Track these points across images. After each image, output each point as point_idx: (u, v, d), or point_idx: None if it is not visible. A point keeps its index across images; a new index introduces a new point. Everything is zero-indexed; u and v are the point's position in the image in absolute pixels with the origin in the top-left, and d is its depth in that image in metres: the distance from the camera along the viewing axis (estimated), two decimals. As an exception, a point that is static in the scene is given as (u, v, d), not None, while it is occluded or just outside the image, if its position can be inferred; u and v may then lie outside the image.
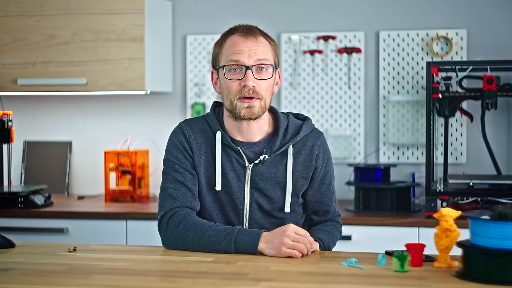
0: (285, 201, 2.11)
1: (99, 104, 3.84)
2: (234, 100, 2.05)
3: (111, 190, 3.57)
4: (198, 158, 2.11)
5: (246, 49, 2.04)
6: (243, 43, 2.05)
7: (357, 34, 3.59)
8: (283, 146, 2.10)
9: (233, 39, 2.07)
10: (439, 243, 1.78)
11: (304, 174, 2.13)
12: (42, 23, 3.50)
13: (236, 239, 1.95)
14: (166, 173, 2.13)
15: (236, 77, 2.05)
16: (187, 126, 2.15)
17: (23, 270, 1.81)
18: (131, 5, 3.42)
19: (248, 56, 2.04)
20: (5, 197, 3.28)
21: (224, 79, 2.06)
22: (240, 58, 2.04)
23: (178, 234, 2.01)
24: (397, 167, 3.56)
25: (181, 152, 2.11)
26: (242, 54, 2.04)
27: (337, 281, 1.68)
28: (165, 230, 2.04)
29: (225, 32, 2.12)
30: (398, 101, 3.55)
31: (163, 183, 2.13)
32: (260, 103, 2.05)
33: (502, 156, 3.45)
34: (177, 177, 2.09)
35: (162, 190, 2.12)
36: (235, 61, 2.04)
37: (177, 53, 3.77)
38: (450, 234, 1.76)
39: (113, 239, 3.15)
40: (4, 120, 3.31)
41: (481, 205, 2.99)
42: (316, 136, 2.15)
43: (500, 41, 3.48)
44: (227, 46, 2.08)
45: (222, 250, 1.96)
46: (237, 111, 2.05)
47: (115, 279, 1.71)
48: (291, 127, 2.13)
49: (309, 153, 2.12)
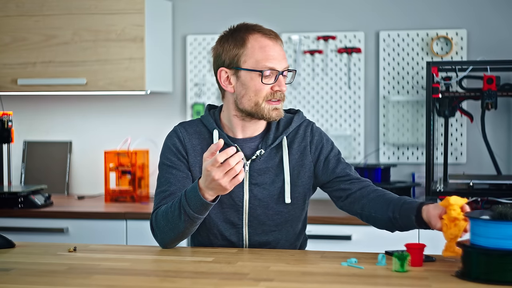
0: (285, 191, 2.12)
1: (99, 104, 3.84)
2: (262, 102, 2.08)
3: (111, 190, 3.57)
4: (193, 159, 2.14)
5: (277, 54, 2.08)
6: (273, 47, 2.08)
7: (357, 34, 3.59)
8: (277, 138, 2.14)
9: (260, 42, 2.08)
10: (447, 232, 1.77)
11: (300, 161, 2.14)
12: (42, 23, 3.50)
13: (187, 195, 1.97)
14: (161, 176, 2.16)
15: (268, 81, 2.07)
16: (182, 129, 2.18)
17: (23, 270, 1.81)
18: (131, 5, 3.42)
19: (279, 61, 2.08)
20: (5, 197, 3.28)
21: (255, 81, 2.07)
22: (276, 66, 2.07)
23: (158, 227, 2.06)
24: (397, 167, 3.56)
25: (175, 154, 2.14)
26: (276, 60, 2.07)
27: (337, 281, 1.68)
28: (152, 230, 2.10)
29: (240, 29, 2.11)
30: (398, 101, 3.55)
31: (157, 186, 2.17)
32: (281, 104, 2.12)
33: (502, 156, 3.46)
34: (170, 179, 2.13)
35: (156, 194, 2.16)
36: (271, 68, 2.06)
37: (177, 53, 3.77)
38: (458, 222, 1.76)
39: (113, 239, 3.15)
40: (4, 120, 3.31)
41: (481, 205, 2.99)
42: (307, 124, 2.19)
43: (500, 41, 3.48)
44: (254, 48, 2.07)
45: (186, 217, 1.98)
46: (265, 113, 2.08)
47: (115, 279, 1.71)
48: (282, 120, 2.17)
49: (302, 140, 2.15)
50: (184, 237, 2.06)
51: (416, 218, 1.94)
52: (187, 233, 2.04)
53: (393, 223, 2.03)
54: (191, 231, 2.04)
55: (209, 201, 1.95)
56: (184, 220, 1.99)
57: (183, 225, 2.00)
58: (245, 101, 2.09)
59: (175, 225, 2.01)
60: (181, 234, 2.03)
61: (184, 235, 2.05)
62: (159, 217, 2.06)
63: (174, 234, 2.03)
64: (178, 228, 2.01)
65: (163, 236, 2.06)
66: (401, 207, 1.99)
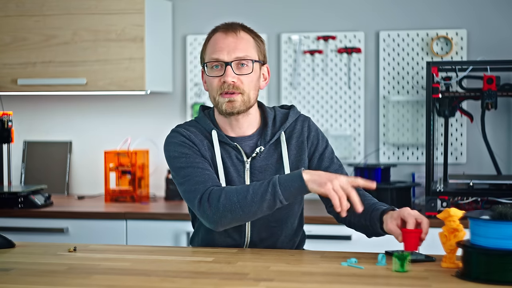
0: None
1: (99, 104, 3.84)
2: (217, 96, 2.09)
3: (111, 190, 3.57)
4: (204, 153, 2.10)
5: (225, 46, 2.08)
6: (223, 40, 2.09)
7: (357, 34, 3.59)
8: (275, 134, 2.14)
9: (215, 37, 2.12)
10: (447, 243, 1.77)
11: (298, 156, 2.15)
12: (42, 23, 3.50)
13: (279, 180, 1.93)
14: (182, 167, 2.07)
15: (217, 74, 2.08)
16: (183, 129, 2.15)
17: (23, 270, 1.81)
18: (131, 5, 3.42)
19: (228, 52, 2.08)
20: (5, 197, 3.28)
21: (207, 76, 2.11)
22: (220, 56, 2.08)
23: (223, 205, 1.96)
24: (397, 167, 3.56)
25: (187, 147, 2.09)
26: (221, 51, 2.08)
27: (337, 281, 1.68)
28: (209, 208, 1.98)
29: (210, 31, 2.16)
30: (398, 101, 3.55)
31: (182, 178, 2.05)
32: (242, 97, 2.08)
33: (502, 156, 3.45)
34: (197, 165, 2.05)
35: (187, 181, 2.04)
36: (215, 58, 2.08)
37: (177, 53, 3.77)
38: (458, 234, 1.76)
39: (113, 239, 3.15)
40: (4, 120, 3.31)
41: (481, 205, 2.99)
42: (303, 119, 2.19)
43: (500, 41, 3.48)
44: (209, 44, 2.12)
45: (271, 199, 1.93)
46: (219, 106, 2.09)
47: (115, 279, 1.71)
48: (278, 116, 2.18)
49: (300, 135, 2.16)
50: (248, 220, 1.99)
51: (381, 228, 1.97)
52: (254, 217, 1.97)
53: (367, 230, 2.06)
54: (259, 215, 1.98)
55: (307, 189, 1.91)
56: (266, 200, 1.92)
57: (261, 206, 1.93)
58: (210, 97, 2.13)
59: (251, 203, 1.93)
60: (250, 215, 1.96)
61: (250, 218, 1.98)
62: (229, 193, 1.96)
63: (243, 214, 1.95)
64: (252, 207, 1.94)
65: (226, 215, 1.96)
66: (371, 215, 2.02)
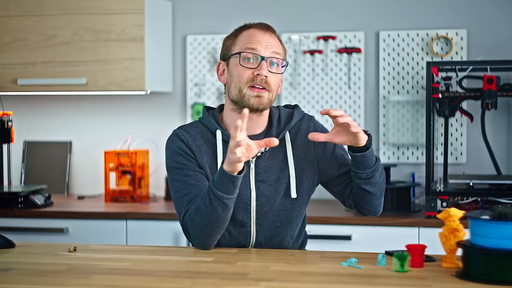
0: (291, 186, 2.12)
1: (99, 104, 3.84)
2: (244, 88, 2.06)
3: (111, 190, 3.57)
4: (201, 159, 2.11)
5: (263, 40, 2.08)
6: (261, 35, 2.09)
7: (357, 34, 3.59)
8: (280, 134, 2.14)
9: (251, 32, 2.11)
10: (447, 243, 1.77)
11: (304, 156, 2.15)
12: (42, 23, 3.50)
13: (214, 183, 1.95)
14: (176, 179, 2.10)
15: (250, 66, 2.07)
16: (183, 131, 2.14)
17: (23, 270, 1.81)
18: (131, 5, 3.42)
19: (265, 47, 2.08)
20: (5, 197, 3.28)
21: (237, 66, 2.08)
22: (258, 47, 2.07)
23: (194, 228, 2.01)
24: (397, 167, 3.56)
25: (183, 156, 2.10)
26: (259, 44, 2.07)
27: (337, 281, 1.68)
28: (189, 236, 2.05)
29: (240, 27, 2.15)
30: (398, 101, 3.55)
31: (175, 191, 2.10)
32: (268, 95, 2.08)
33: (502, 156, 3.45)
34: (188, 181, 2.08)
35: (177, 199, 2.09)
36: (252, 49, 2.07)
37: (177, 53, 3.77)
38: (458, 234, 1.76)
39: (113, 239, 3.15)
40: (4, 120, 3.31)
41: (481, 205, 2.99)
42: (308, 119, 2.20)
43: (500, 41, 3.48)
44: (243, 37, 2.11)
45: (219, 203, 1.95)
46: (245, 99, 2.07)
47: (115, 279, 1.71)
48: (283, 115, 2.18)
49: (305, 135, 2.14)
50: (221, 228, 2.01)
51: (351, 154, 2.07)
52: (222, 222, 1.99)
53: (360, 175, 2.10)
54: (226, 219, 1.99)
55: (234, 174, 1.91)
56: (216, 206, 1.94)
57: (216, 213, 1.95)
58: (232, 89, 2.10)
59: (209, 216, 1.96)
60: (217, 224, 1.98)
61: (220, 226, 1.99)
62: (192, 215, 2.01)
63: (211, 227, 1.98)
64: (212, 217, 1.96)
65: (201, 235, 2.01)
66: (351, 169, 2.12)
